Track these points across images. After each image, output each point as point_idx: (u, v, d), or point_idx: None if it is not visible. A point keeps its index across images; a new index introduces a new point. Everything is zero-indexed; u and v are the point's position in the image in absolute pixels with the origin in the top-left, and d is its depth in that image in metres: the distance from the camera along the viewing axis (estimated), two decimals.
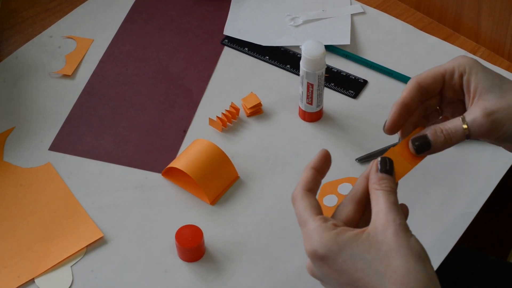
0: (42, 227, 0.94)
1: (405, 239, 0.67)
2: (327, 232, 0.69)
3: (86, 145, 1.03)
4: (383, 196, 0.70)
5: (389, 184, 0.72)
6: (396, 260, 0.66)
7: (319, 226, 0.70)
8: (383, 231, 0.68)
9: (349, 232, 0.69)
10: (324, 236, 0.69)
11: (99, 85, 1.11)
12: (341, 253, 0.68)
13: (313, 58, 0.98)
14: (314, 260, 0.70)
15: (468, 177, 0.99)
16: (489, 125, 0.74)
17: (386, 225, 0.68)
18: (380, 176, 0.72)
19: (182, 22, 1.19)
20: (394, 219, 0.68)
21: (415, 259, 0.67)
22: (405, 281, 0.66)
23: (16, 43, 1.16)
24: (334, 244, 0.68)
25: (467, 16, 1.15)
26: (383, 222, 0.68)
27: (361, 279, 0.68)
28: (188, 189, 0.98)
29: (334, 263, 0.69)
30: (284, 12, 1.20)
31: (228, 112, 1.05)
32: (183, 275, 0.90)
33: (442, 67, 0.79)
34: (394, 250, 0.67)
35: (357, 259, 0.68)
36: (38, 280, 0.89)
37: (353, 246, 0.68)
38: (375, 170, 0.73)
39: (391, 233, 0.68)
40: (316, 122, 1.05)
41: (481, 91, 0.76)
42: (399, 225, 0.68)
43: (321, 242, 0.69)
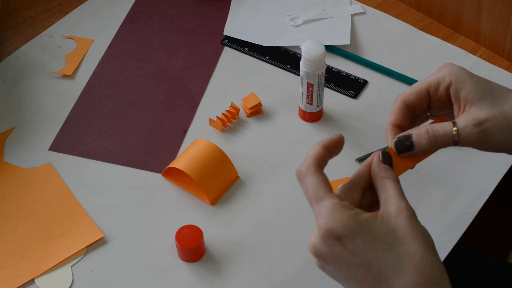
0: (42, 227, 0.94)
1: (419, 227, 0.67)
2: (347, 212, 0.67)
3: (86, 145, 1.03)
4: (391, 184, 0.70)
5: (393, 174, 0.71)
6: (413, 245, 0.66)
7: (338, 203, 0.68)
8: (396, 217, 0.67)
9: (366, 214, 0.68)
10: (344, 215, 0.67)
11: (99, 85, 1.11)
12: (361, 234, 0.67)
13: (313, 58, 0.98)
14: (327, 239, 0.68)
15: (468, 177, 0.99)
16: (479, 135, 0.73)
17: (398, 211, 0.68)
18: (385, 166, 0.72)
19: (182, 22, 1.19)
20: (406, 207, 0.68)
21: (429, 247, 0.67)
22: (423, 266, 0.66)
23: (16, 43, 1.16)
24: (354, 223, 0.67)
25: (467, 16, 1.15)
26: (396, 208, 0.68)
27: (378, 260, 0.66)
28: (188, 189, 0.98)
29: (351, 243, 0.67)
30: (284, 12, 1.20)
31: (228, 112, 1.05)
32: (183, 275, 0.90)
33: (425, 81, 0.78)
34: (410, 236, 0.66)
35: (376, 240, 0.66)
36: (38, 280, 0.89)
37: (372, 228, 0.67)
38: (378, 161, 0.72)
39: (405, 219, 0.67)
40: (316, 122, 1.06)
41: (472, 100, 0.75)
42: (412, 212, 0.68)
43: (341, 220, 0.67)
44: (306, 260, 0.92)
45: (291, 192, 0.98)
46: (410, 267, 0.66)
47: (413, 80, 1.09)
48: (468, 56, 1.14)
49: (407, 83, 1.10)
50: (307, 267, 0.91)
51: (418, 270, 0.66)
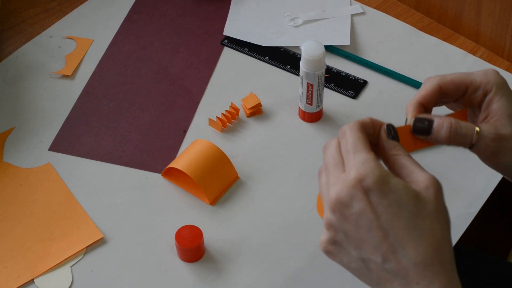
0: (42, 227, 0.94)
1: (444, 206, 0.67)
2: (381, 169, 0.66)
3: (86, 145, 1.03)
4: (408, 160, 0.69)
5: (404, 149, 0.70)
6: (438, 223, 0.65)
7: (375, 159, 0.66)
8: (426, 190, 0.66)
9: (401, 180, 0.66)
10: (379, 169, 0.65)
11: (99, 85, 1.11)
12: (390, 194, 0.65)
13: (313, 58, 0.98)
14: (355, 189, 0.65)
15: (468, 177, 0.99)
16: (495, 149, 0.74)
17: (429, 184, 0.66)
18: (394, 143, 0.70)
19: (182, 23, 1.19)
20: (434, 181, 0.67)
21: (448, 229, 0.66)
22: (441, 246, 0.65)
23: (16, 43, 1.16)
24: (386, 182, 0.65)
25: (467, 17, 1.15)
26: (425, 180, 0.67)
27: (400, 228, 0.65)
28: (188, 190, 0.98)
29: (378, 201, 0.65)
30: (284, 12, 1.20)
31: (228, 112, 1.05)
32: (183, 276, 0.90)
33: (469, 77, 0.76)
34: (436, 212, 0.66)
35: (402, 207, 0.65)
36: (38, 280, 0.89)
37: (402, 193, 0.65)
38: (386, 137, 0.71)
39: (434, 193, 0.66)
40: (316, 123, 1.05)
41: (502, 115, 0.74)
42: (440, 187, 0.67)
43: (375, 173, 0.65)
44: (306, 260, 0.92)
45: (291, 192, 0.98)
46: (429, 243, 0.65)
47: (413, 80, 1.09)
48: (468, 56, 1.14)
49: (407, 83, 1.10)
50: (308, 267, 0.91)
51: (436, 249, 0.65)
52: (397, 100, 1.08)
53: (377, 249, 0.66)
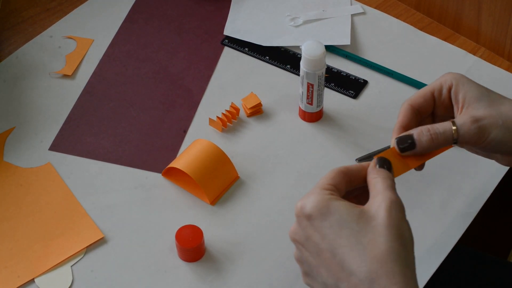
0: (42, 227, 0.94)
1: (397, 220, 0.68)
2: (322, 195, 0.70)
3: (86, 145, 1.03)
4: (380, 181, 0.71)
5: (385, 172, 0.73)
6: (382, 236, 0.66)
7: (318, 190, 0.70)
8: (377, 208, 0.68)
9: (343, 201, 0.69)
10: (317, 197, 0.69)
11: (99, 85, 1.11)
12: (329, 217, 0.68)
13: (313, 58, 0.98)
14: (301, 219, 0.70)
15: (468, 177, 0.99)
16: (477, 131, 0.77)
17: (381, 201, 0.69)
18: (378, 169, 0.73)
19: (182, 22, 1.19)
20: (390, 197, 0.69)
21: (400, 242, 0.66)
22: (384, 258, 0.65)
23: (16, 43, 1.16)
24: (324, 206, 0.69)
25: (467, 16, 1.15)
26: (379, 198, 0.69)
27: (342, 246, 0.67)
28: (188, 189, 0.98)
29: (319, 225, 0.68)
30: (284, 12, 1.20)
31: (228, 112, 1.05)
32: (183, 275, 0.90)
33: (429, 86, 0.82)
34: (382, 226, 0.67)
35: (343, 226, 0.67)
36: (38, 280, 0.89)
37: (342, 213, 0.68)
38: (373, 166, 0.74)
39: (384, 208, 0.68)
40: (316, 122, 1.05)
41: (470, 100, 0.79)
42: (394, 203, 0.69)
43: (313, 201, 0.69)
44: None
45: (291, 192, 0.98)
46: (372, 257, 0.66)
47: (413, 80, 1.09)
48: (468, 56, 1.14)
49: (407, 83, 1.10)
50: None
51: (379, 261, 0.65)
52: (397, 100, 1.08)
53: (329, 270, 0.68)
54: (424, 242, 0.92)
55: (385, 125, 1.05)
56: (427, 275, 0.89)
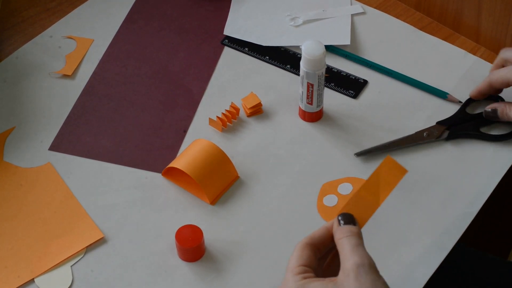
0: (42, 227, 0.94)
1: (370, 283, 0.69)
2: (294, 283, 0.72)
3: (86, 145, 1.03)
4: (346, 243, 0.73)
5: (350, 229, 0.74)
6: None
7: (290, 277, 0.74)
8: (347, 277, 0.70)
9: (316, 282, 0.71)
10: (292, 286, 0.72)
11: (99, 85, 1.11)
12: None
13: (313, 58, 0.98)
14: None
15: (468, 177, 0.99)
16: None
17: (349, 270, 0.70)
18: (341, 228, 0.75)
19: (182, 22, 1.19)
20: (357, 264, 0.70)
21: None
22: None
23: (16, 43, 1.16)
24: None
25: (467, 16, 1.15)
26: (348, 267, 0.70)
27: None
28: (188, 189, 0.98)
29: None
30: (284, 12, 1.20)
31: (228, 112, 1.05)
32: (183, 275, 0.90)
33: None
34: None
35: None
36: (38, 279, 0.89)
37: None
38: (337, 225, 0.75)
39: (354, 277, 0.70)
40: (316, 122, 1.05)
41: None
42: (362, 267, 0.70)
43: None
44: None
45: (291, 191, 0.98)
46: None
47: (413, 80, 1.09)
48: (468, 56, 1.14)
49: (407, 83, 1.10)
50: None
51: None
52: (397, 100, 1.08)
53: None
54: (424, 242, 0.92)
55: (385, 125, 1.05)
56: (427, 274, 0.89)
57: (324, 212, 0.95)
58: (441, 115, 1.05)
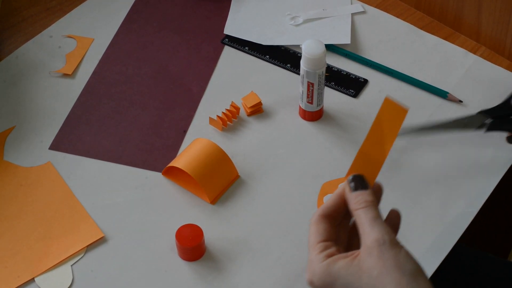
0: (42, 227, 0.94)
1: (393, 259, 0.69)
2: (319, 264, 0.72)
3: (86, 144, 1.03)
4: (363, 216, 0.72)
5: (364, 198, 0.73)
6: (387, 284, 0.68)
7: (314, 257, 0.73)
8: (370, 255, 0.69)
9: (341, 261, 0.71)
10: (316, 268, 0.72)
11: (99, 84, 1.11)
12: (336, 284, 0.71)
13: (313, 57, 0.98)
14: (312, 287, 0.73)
15: (468, 177, 0.99)
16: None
17: (371, 248, 0.70)
18: (354, 195, 0.74)
19: (183, 22, 1.19)
20: (378, 240, 0.70)
21: (406, 279, 0.68)
22: None
23: (16, 42, 1.16)
24: (327, 276, 0.71)
25: (467, 15, 1.15)
26: (369, 244, 0.70)
27: None
28: (189, 188, 0.98)
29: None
30: (284, 11, 1.20)
31: (228, 111, 1.05)
32: (184, 275, 0.90)
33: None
34: (383, 274, 0.68)
35: (350, 286, 0.70)
36: (38, 279, 0.89)
37: (345, 276, 0.70)
38: (349, 191, 0.74)
39: (377, 256, 0.69)
40: (317, 121, 1.05)
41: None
42: (383, 244, 0.70)
43: (314, 273, 0.72)
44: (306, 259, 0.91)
45: (291, 191, 0.98)
46: None
47: (413, 79, 1.09)
48: (469, 55, 1.14)
49: (408, 82, 1.10)
50: None
51: None
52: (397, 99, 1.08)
53: None
54: (424, 242, 0.92)
55: None
56: (427, 274, 0.89)
57: None
58: (441, 114, 1.05)
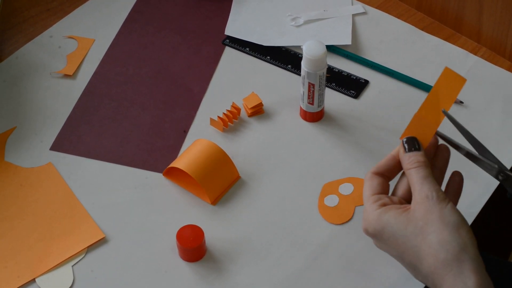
0: (43, 227, 0.94)
1: (438, 212, 0.76)
2: (373, 213, 0.79)
3: (87, 145, 1.03)
4: (414, 175, 0.79)
5: (417, 159, 0.80)
6: (430, 233, 0.75)
7: (368, 207, 0.80)
8: (419, 209, 0.77)
9: (392, 211, 0.78)
10: (370, 216, 0.79)
11: (100, 85, 1.11)
12: (384, 231, 0.78)
13: (314, 58, 0.98)
14: (368, 235, 0.81)
15: (468, 177, 0.99)
16: None
17: (420, 203, 0.77)
18: (408, 155, 0.81)
19: (183, 22, 1.19)
20: (426, 196, 0.77)
21: (449, 230, 0.75)
22: (437, 253, 0.75)
23: (17, 43, 1.16)
24: (377, 223, 0.79)
25: (468, 16, 1.15)
26: (418, 200, 0.77)
27: (404, 252, 0.78)
28: (189, 189, 0.98)
29: (381, 239, 0.79)
30: (285, 12, 1.20)
31: (229, 112, 1.05)
32: (184, 275, 0.90)
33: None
34: (428, 225, 0.76)
35: (397, 235, 0.77)
36: (39, 279, 0.89)
37: (393, 224, 0.78)
38: (403, 152, 0.81)
39: (425, 209, 0.76)
40: (317, 122, 1.05)
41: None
42: (431, 199, 0.77)
43: (368, 222, 0.80)
44: (307, 260, 0.92)
45: (292, 192, 0.98)
46: (427, 254, 0.75)
47: (414, 80, 1.09)
48: (470, 56, 1.14)
49: (408, 83, 1.10)
50: (308, 266, 0.91)
51: (434, 256, 0.75)
52: (398, 100, 1.08)
53: (405, 267, 0.80)
54: None
55: (386, 125, 1.04)
56: None
57: (325, 212, 0.95)
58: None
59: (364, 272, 0.90)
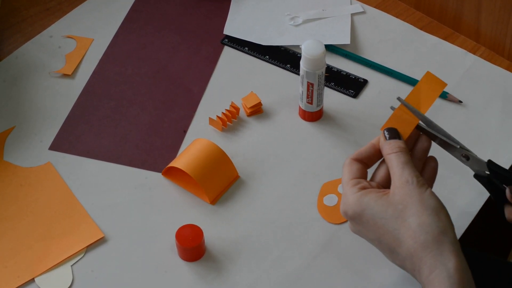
0: (42, 227, 0.94)
1: (418, 196, 0.77)
2: (352, 195, 0.80)
3: (86, 144, 1.03)
4: (394, 159, 0.80)
5: (397, 145, 0.81)
6: (410, 216, 0.76)
7: (348, 190, 0.80)
8: (398, 193, 0.78)
9: (372, 194, 0.79)
10: (350, 199, 0.80)
11: (99, 84, 1.11)
12: (364, 213, 0.78)
13: (313, 57, 0.98)
14: (347, 219, 0.81)
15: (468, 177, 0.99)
16: None
17: (400, 187, 0.78)
18: (388, 142, 0.82)
19: (182, 22, 1.19)
20: (406, 180, 0.78)
21: (428, 213, 0.76)
22: (417, 235, 0.75)
23: (16, 43, 1.16)
24: (357, 205, 0.79)
25: (467, 16, 1.15)
26: (398, 184, 0.78)
27: (383, 234, 0.78)
28: (188, 189, 0.98)
29: (360, 222, 0.79)
30: (284, 11, 1.20)
31: (228, 111, 1.05)
32: (183, 275, 0.90)
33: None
34: (407, 208, 0.76)
35: (377, 217, 0.78)
36: (38, 279, 0.89)
37: (373, 206, 0.78)
38: (383, 140, 0.82)
39: (404, 193, 0.77)
40: (316, 122, 1.06)
41: None
42: (411, 184, 0.78)
43: (347, 204, 0.80)
44: (306, 259, 0.92)
45: (291, 191, 0.98)
46: (406, 236, 0.76)
47: (413, 79, 1.09)
48: (468, 55, 1.14)
49: (407, 82, 1.10)
50: (307, 266, 0.91)
51: (413, 238, 0.75)
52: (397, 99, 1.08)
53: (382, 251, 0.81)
54: None
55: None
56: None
57: (324, 211, 0.95)
58: (442, 115, 1.05)
59: (363, 271, 0.90)
